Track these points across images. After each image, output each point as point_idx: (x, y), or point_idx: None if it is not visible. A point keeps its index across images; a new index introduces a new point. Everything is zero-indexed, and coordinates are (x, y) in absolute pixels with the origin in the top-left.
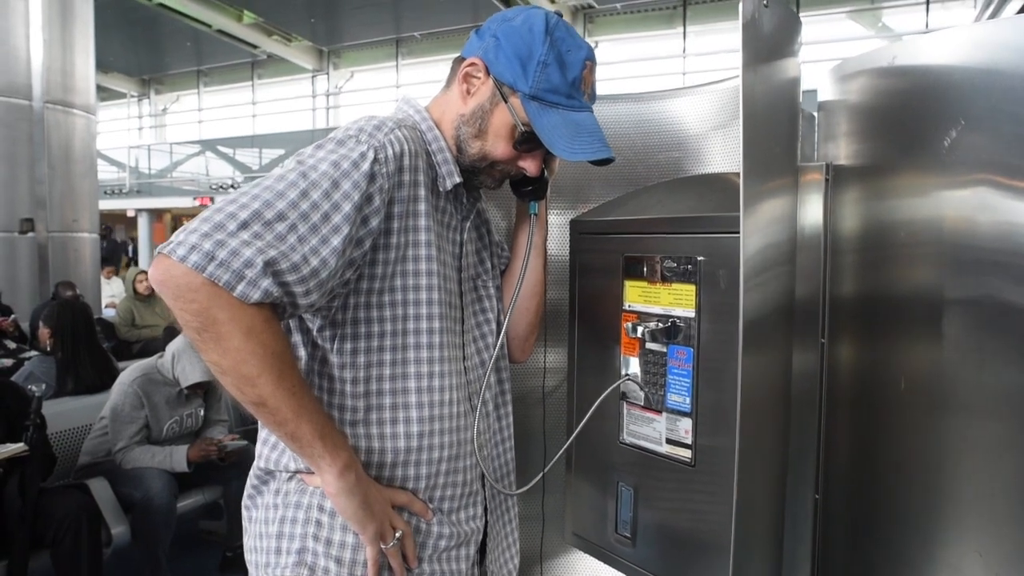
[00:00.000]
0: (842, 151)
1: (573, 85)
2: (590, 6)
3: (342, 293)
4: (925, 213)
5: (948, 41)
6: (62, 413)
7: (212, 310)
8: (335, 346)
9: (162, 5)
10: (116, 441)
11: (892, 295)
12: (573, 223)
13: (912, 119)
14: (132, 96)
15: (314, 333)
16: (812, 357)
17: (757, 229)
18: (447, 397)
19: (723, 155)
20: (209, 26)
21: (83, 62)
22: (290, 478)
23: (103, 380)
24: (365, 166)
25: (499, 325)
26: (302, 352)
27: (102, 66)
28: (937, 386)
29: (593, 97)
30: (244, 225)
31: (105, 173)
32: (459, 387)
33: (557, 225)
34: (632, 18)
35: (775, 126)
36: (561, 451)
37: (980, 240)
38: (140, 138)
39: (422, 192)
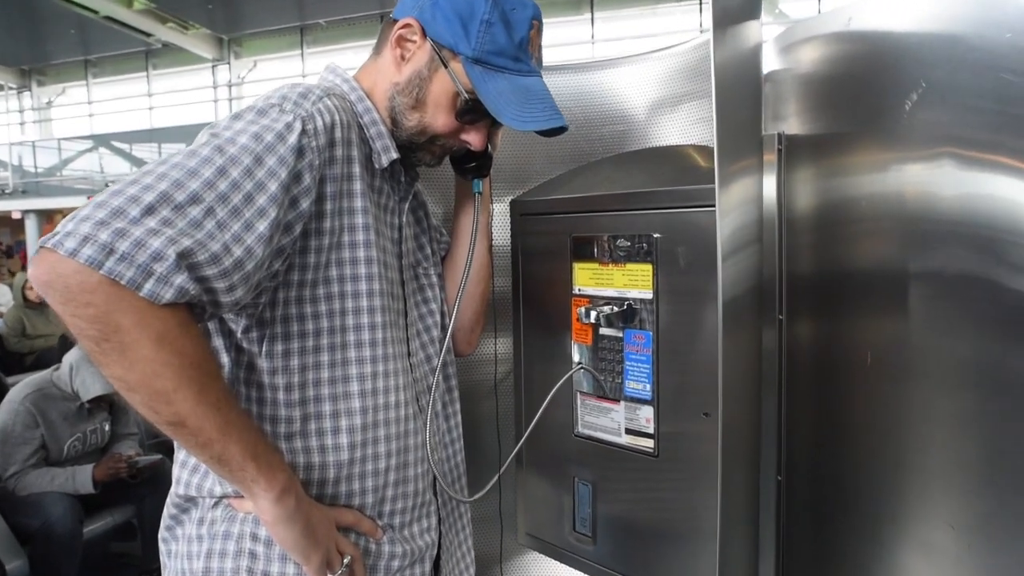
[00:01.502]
0: (794, 125)
1: (520, 47)
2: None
3: (270, 287)
4: (885, 187)
5: (908, 5)
6: None
7: (113, 315)
8: (264, 349)
9: None
10: (7, 466)
11: (853, 270)
12: (514, 204)
13: (870, 88)
14: (11, 88)
15: (238, 336)
16: (771, 335)
17: (732, 205)
18: (393, 399)
19: (672, 127)
20: (96, 12)
21: None
22: (215, 504)
23: None
24: (292, 139)
25: (443, 316)
26: (224, 359)
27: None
28: (901, 359)
29: (541, 62)
30: (150, 210)
31: None
32: (406, 387)
33: (496, 211)
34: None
35: (743, 94)
36: (515, 450)
37: (941, 213)
38: (22, 134)
39: (356, 169)
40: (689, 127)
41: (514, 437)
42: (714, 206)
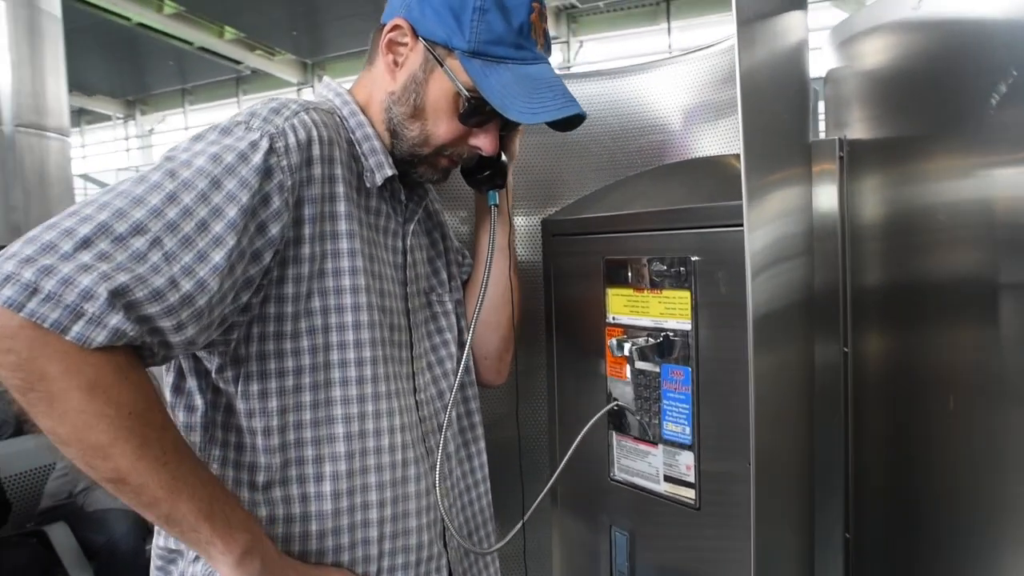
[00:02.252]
0: (857, 129)
1: (520, 32)
2: (573, 6)
3: (241, 322)
4: (968, 193)
5: None
6: (19, 453)
7: (37, 362)
8: (239, 389)
9: (142, 25)
10: (78, 480)
11: (934, 282)
12: (545, 223)
13: (947, 82)
14: (118, 118)
15: (213, 375)
16: (830, 352)
17: (764, 219)
18: (386, 442)
19: (717, 135)
20: (190, 44)
21: (54, 83)
22: (196, 559)
23: None
24: (256, 158)
25: (461, 346)
26: (199, 401)
27: (85, 89)
28: (994, 379)
29: (547, 47)
30: (85, 243)
31: None
32: (406, 428)
33: (527, 227)
34: (616, 16)
35: (780, 95)
36: (541, 495)
37: None
38: (128, 160)
39: (340, 189)
40: (735, 135)
41: (545, 477)
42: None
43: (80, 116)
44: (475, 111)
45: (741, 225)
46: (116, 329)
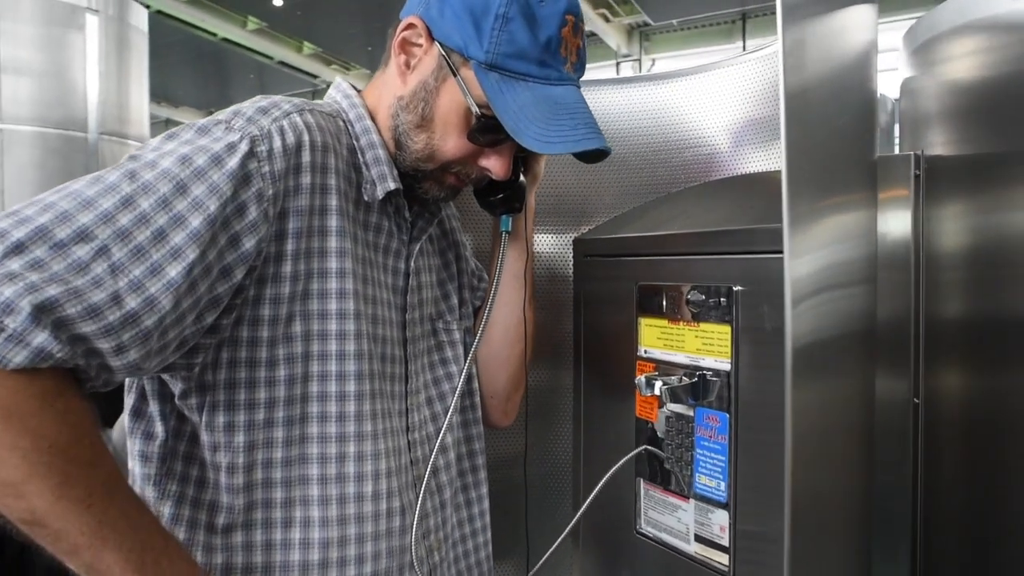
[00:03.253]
0: (938, 146)
1: (548, 47)
2: (646, 24)
3: (208, 344)
4: None
5: None
6: None
7: None
8: (204, 420)
9: (226, 40)
10: None
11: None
12: (577, 243)
13: None
14: None
15: (177, 400)
16: (900, 393)
17: (815, 244)
18: (370, 489)
19: (774, 149)
20: (271, 58)
21: (137, 93)
22: None
23: None
24: (232, 163)
25: (471, 380)
26: (159, 428)
27: (172, 100)
28: None
29: (580, 67)
30: (16, 249)
31: None
32: (393, 473)
33: (557, 245)
34: (690, 34)
35: (837, 105)
36: (557, 542)
37: None
38: None
39: (333, 201)
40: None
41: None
42: None
43: (167, 126)
44: (486, 130)
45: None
46: (40, 349)
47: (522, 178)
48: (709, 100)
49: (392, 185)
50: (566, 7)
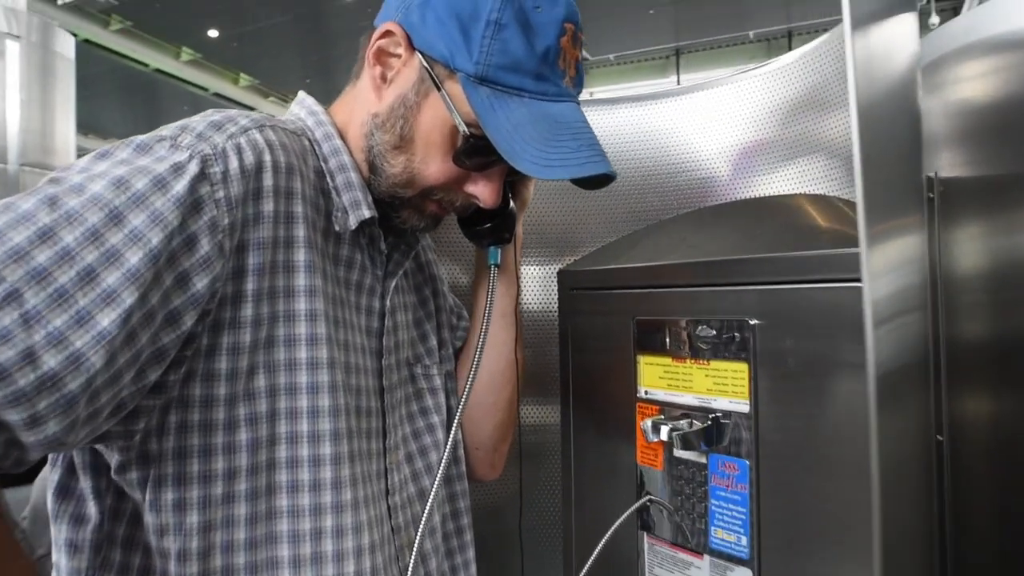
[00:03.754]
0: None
1: (545, 59)
2: (584, 58)
3: (152, 407)
4: None
5: None
6: None
7: None
8: (148, 497)
9: (159, 71)
10: (38, 547)
11: None
12: (563, 275)
13: None
14: None
15: (114, 475)
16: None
17: (883, 269)
18: (352, 569)
19: (775, 173)
20: (206, 90)
21: (63, 123)
22: None
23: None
24: (179, 187)
25: (449, 431)
26: (92, 509)
27: (100, 131)
28: None
29: (579, 82)
30: None
31: None
32: (376, 547)
33: (540, 277)
34: (625, 68)
35: (893, 120)
36: None
37: None
38: None
39: (300, 232)
40: (797, 172)
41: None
42: (841, 281)
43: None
44: (474, 152)
45: (823, 282)
46: None
47: (511, 205)
48: (704, 121)
49: (367, 213)
50: (565, 14)
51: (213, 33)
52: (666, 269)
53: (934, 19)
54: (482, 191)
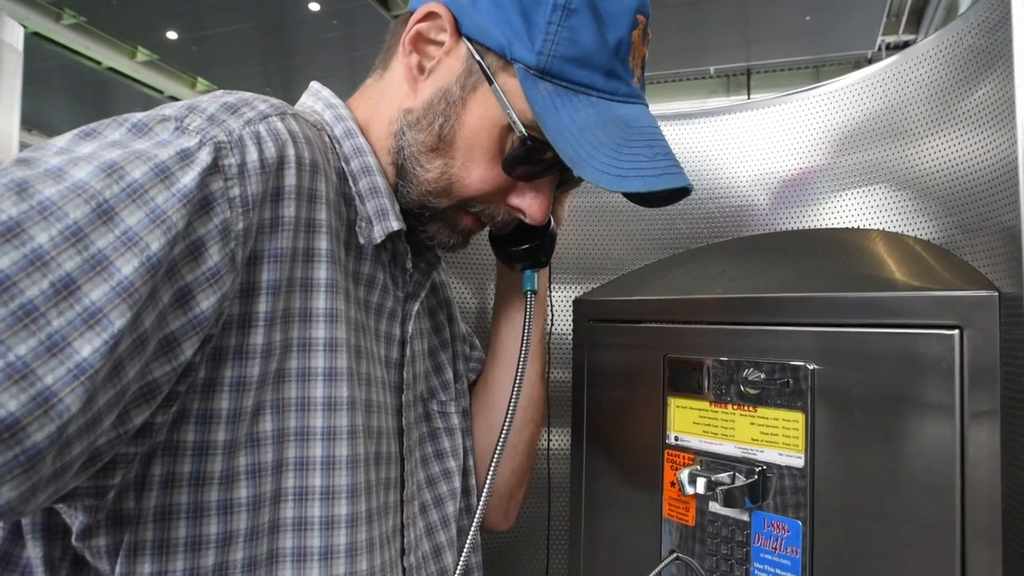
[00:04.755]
0: None
1: (617, 53)
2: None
3: (132, 455)
4: None
5: None
6: None
7: None
8: (120, 570)
9: (112, 70)
10: None
11: None
12: (579, 305)
13: None
14: None
15: (74, 540)
16: None
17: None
18: None
19: (819, 203)
20: (161, 92)
21: (5, 117)
22: None
23: None
24: (187, 179)
25: (467, 475)
26: None
27: (45, 129)
28: None
29: (643, 84)
30: None
31: None
32: None
33: (553, 307)
34: None
35: None
36: None
37: None
38: None
39: (323, 244)
40: (849, 205)
41: None
42: (929, 327)
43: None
44: (527, 158)
45: (908, 327)
46: None
47: (552, 224)
48: (742, 145)
49: (395, 225)
50: (637, 4)
51: (172, 35)
52: (707, 303)
53: None
54: (530, 205)
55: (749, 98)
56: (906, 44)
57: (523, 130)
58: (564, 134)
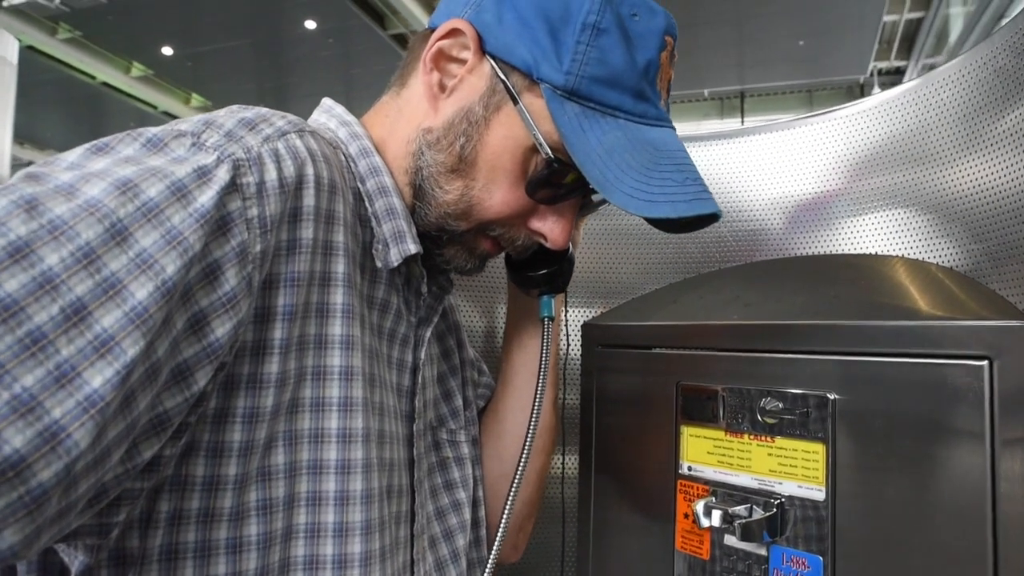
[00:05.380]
0: None
1: (646, 75)
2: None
3: (138, 491)
4: None
5: None
6: None
7: None
8: None
9: (107, 84)
10: None
11: None
12: (588, 329)
13: None
14: None
15: None
16: None
17: None
18: None
19: (835, 228)
20: (155, 107)
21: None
22: None
23: None
24: (204, 198)
25: (476, 506)
26: None
27: (38, 142)
28: None
29: (668, 107)
30: None
31: None
32: None
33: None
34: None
35: None
36: None
37: None
38: None
39: (340, 267)
40: (866, 230)
41: None
42: (957, 358)
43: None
44: (551, 181)
45: (928, 356)
46: None
47: (571, 249)
48: (756, 168)
49: (412, 248)
50: (665, 25)
51: (167, 51)
52: (723, 330)
53: (876, 91)
54: (551, 229)
55: (743, 121)
56: (898, 70)
57: (549, 152)
58: (591, 157)
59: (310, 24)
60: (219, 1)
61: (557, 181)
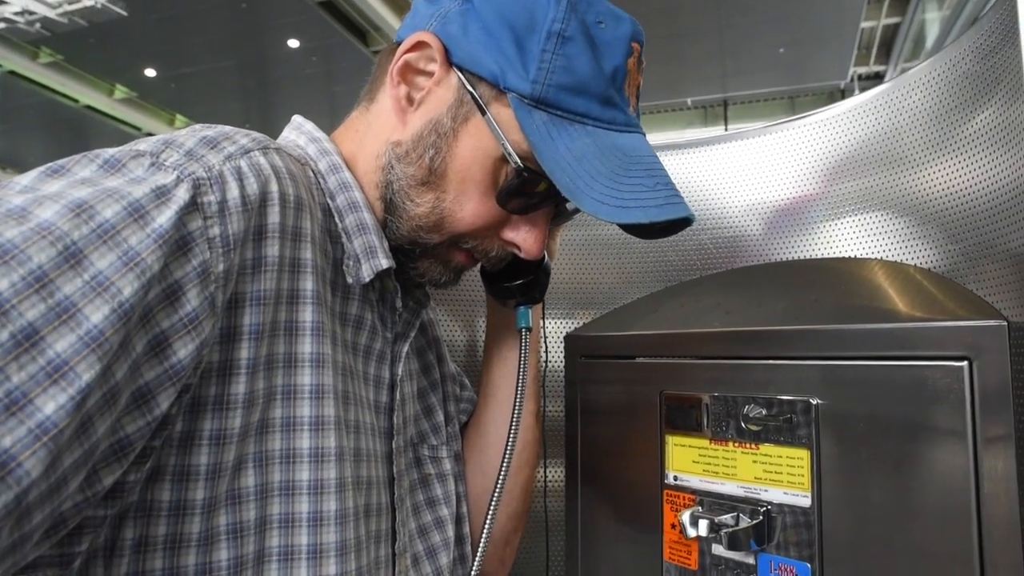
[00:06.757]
0: None
1: (613, 81)
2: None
3: (101, 519)
4: None
5: None
6: None
7: None
8: None
9: (90, 107)
10: None
11: None
12: (571, 340)
13: None
14: None
15: None
16: None
17: None
18: None
19: (814, 232)
20: (139, 129)
21: None
22: None
23: None
24: (163, 219)
25: (459, 522)
26: None
27: (20, 167)
28: None
29: (638, 113)
30: None
31: None
32: None
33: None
34: None
35: None
36: None
37: None
38: None
39: (308, 285)
40: (844, 233)
41: None
42: (937, 359)
43: None
44: (522, 190)
45: (908, 358)
46: None
47: (546, 259)
48: (733, 174)
49: (384, 263)
50: (631, 32)
51: (150, 72)
52: (704, 337)
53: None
54: (524, 239)
55: (727, 128)
56: (877, 74)
57: (518, 161)
58: (561, 164)
59: (293, 43)
60: (201, 22)
61: (528, 190)
